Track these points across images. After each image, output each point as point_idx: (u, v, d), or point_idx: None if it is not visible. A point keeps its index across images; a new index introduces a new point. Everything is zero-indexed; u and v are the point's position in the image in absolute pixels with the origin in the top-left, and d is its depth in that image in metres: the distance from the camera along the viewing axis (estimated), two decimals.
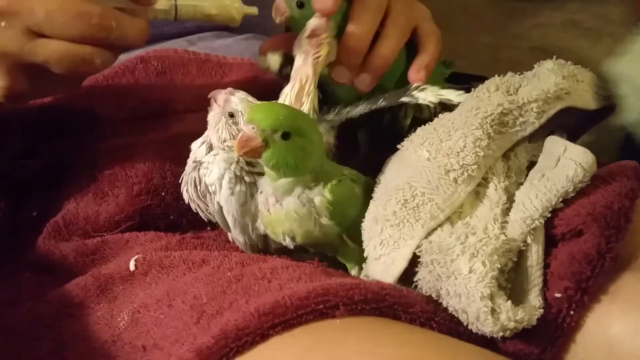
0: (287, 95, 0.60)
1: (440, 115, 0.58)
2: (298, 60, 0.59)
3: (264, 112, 0.53)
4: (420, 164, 0.54)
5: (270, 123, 0.52)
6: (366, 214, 0.55)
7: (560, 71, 0.58)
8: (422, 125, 0.58)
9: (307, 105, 0.59)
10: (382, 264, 0.52)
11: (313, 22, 0.59)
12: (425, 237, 0.51)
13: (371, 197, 0.56)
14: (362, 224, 0.55)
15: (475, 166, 0.53)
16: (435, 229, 0.51)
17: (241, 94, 0.58)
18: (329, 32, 0.59)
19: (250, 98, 0.58)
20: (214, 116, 0.59)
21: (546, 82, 0.57)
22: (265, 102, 0.58)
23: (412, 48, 0.66)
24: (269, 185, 0.55)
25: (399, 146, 0.59)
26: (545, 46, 1.22)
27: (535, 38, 1.24)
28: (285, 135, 0.52)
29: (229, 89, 0.59)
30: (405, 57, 0.65)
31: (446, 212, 0.52)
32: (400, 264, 0.51)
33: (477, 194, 0.53)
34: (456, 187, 0.53)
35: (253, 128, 0.52)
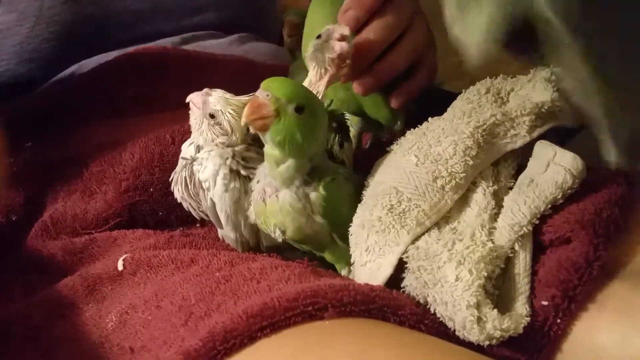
0: None
1: (429, 119, 0.58)
2: (312, 74, 0.57)
3: (281, 81, 0.52)
4: (408, 169, 0.54)
5: (287, 92, 0.51)
6: (354, 219, 0.55)
7: (556, 83, 0.57)
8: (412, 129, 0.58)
9: None
10: (368, 270, 0.52)
11: (342, 47, 0.55)
12: (412, 243, 0.51)
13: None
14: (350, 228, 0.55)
15: (464, 174, 0.53)
16: (422, 234, 0.51)
17: (218, 93, 0.57)
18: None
19: (228, 95, 0.57)
20: (196, 119, 0.58)
21: (542, 95, 0.56)
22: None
23: None
24: (267, 174, 0.55)
25: (388, 149, 0.58)
26: None
27: None
28: (299, 109, 0.51)
29: (205, 89, 0.58)
30: None
31: (432, 219, 0.52)
32: (385, 271, 0.51)
33: (466, 198, 0.53)
34: (443, 194, 0.52)
35: (267, 95, 0.51)
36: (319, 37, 0.56)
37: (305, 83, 0.57)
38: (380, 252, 0.51)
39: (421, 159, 0.54)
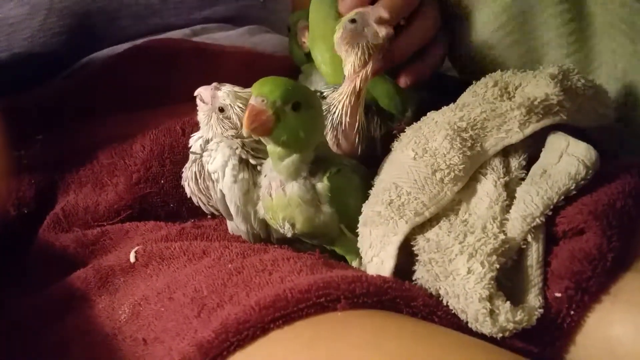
0: (344, 95, 0.57)
1: (428, 113, 0.58)
2: (353, 61, 0.56)
3: (273, 83, 0.52)
4: (406, 164, 0.54)
5: (281, 94, 0.51)
6: (359, 218, 0.54)
7: (560, 81, 0.56)
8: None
9: (361, 107, 0.58)
10: (374, 265, 0.52)
11: (388, 31, 0.56)
12: (422, 234, 0.51)
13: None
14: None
15: (462, 166, 0.52)
16: (432, 226, 0.51)
17: (227, 87, 0.57)
18: None
19: (237, 88, 0.57)
20: (205, 114, 0.58)
21: (540, 90, 0.55)
22: (268, 76, 0.56)
23: None
24: (273, 169, 0.55)
25: (390, 147, 0.58)
26: None
27: None
28: (296, 106, 0.51)
29: (214, 84, 0.58)
30: None
31: (432, 209, 0.51)
32: (388, 264, 0.51)
33: (476, 190, 0.53)
34: (442, 186, 0.52)
35: (263, 101, 0.51)
36: (353, 21, 0.56)
37: (347, 71, 0.57)
38: (382, 245, 0.51)
39: (419, 153, 0.54)
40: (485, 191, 0.53)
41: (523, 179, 0.53)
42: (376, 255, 0.52)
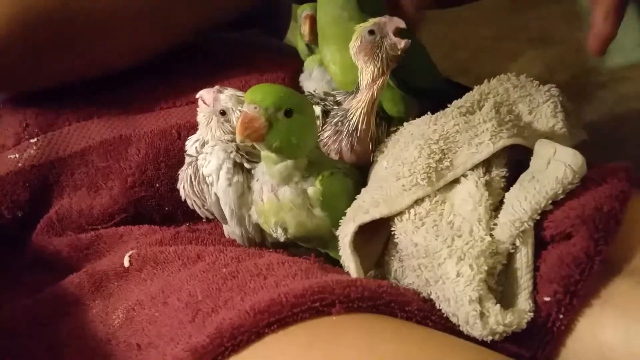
0: (362, 103, 0.58)
1: (405, 124, 0.59)
2: (371, 71, 0.57)
3: (265, 91, 0.53)
4: (379, 174, 0.55)
5: (274, 101, 0.52)
6: None
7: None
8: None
9: (374, 114, 0.59)
10: (348, 270, 0.53)
11: (407, 43, 0.56)
12: (404, 234, 0.51)
13: None
14: None
15: (425, 175, 0.53)
16: (418, 227, 0.51)
17: (229, 91, 0.58)
18: None
19: (239, 93, 0.58)
20: (205, 116, 0.59)
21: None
22: (261, 83, 0.57)
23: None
24: (265, 173, 0.55)
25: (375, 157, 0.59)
26: (544, 38, 1.22)
27: (535, 29, 1.24)
28: (288, 113, 0.52)
29: (217, 87, 0.59)
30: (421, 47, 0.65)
31: (383, 210, 0.52)
32: (351, 266, 0.52)
33: (458, 190, 0.53)
34: (402, 192, 0.53)
35: (255, 108, 0.51)
36: (371, 32, 0.57)
37: (365, 82, 0.57)
38: (343, 249, 0.53)
39: (390, 163, 0.55)
40: (467, 192, 0.53)
41: (504, 177, 0.54)
42: (345, 261, 0.53)
